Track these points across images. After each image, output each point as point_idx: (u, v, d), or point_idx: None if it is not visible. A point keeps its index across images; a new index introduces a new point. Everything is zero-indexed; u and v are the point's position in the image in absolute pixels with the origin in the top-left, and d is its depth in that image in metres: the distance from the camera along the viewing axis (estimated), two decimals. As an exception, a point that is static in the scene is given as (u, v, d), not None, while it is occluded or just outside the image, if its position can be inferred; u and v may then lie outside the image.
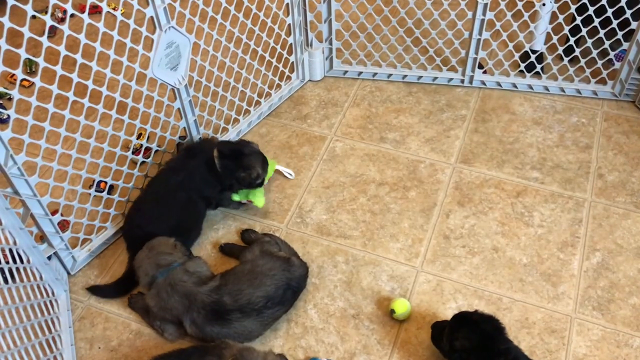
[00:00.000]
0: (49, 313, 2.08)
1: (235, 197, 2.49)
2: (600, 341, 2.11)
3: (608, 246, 2.37)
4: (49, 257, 2.21)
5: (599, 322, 2.16)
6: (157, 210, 2.32)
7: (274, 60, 2.83)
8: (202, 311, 2.03)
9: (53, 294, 2.18)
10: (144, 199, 2.39)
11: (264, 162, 2.44)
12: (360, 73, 3.08)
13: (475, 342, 1.82)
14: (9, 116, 2.66)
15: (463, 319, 1.90)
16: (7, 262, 1.92)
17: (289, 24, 2.77)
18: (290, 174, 2.63)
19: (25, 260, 2.03)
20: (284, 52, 2.87)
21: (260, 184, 2.44)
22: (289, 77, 3.02)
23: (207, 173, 2.36)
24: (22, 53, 1.80)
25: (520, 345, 1.98)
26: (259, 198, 2.48)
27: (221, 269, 2.26)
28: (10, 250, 1.96)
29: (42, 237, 2.20)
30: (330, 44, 2.97)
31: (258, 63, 2.77)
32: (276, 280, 2.10)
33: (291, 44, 2.87)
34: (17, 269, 1.98)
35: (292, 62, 2.96)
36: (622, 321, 2.16)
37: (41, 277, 2.12)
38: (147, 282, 2.12)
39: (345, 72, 3.09)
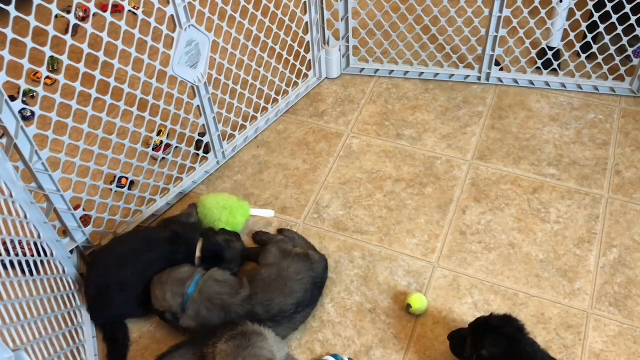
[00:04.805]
0: (71, 305, 2.13)
1: None
2: (617, 337, 2.12)
3: (625, 242, 2.37)
4: (72, 251, 2.26)
5: (615, 318, 2.17)
6: (114, 268, 2.17)
7: (291, 58, 2.86)
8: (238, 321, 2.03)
9: (75, 287, 2.23)
10: (107, 251, 2.25)
11: (243, 253, 2.28)
12: (377, 70, 3.10)
13: (504, 347, 1.79)
14: (33, 113, 2.72)
15: (483, 325, 1.87)
16: (32, 255, 1.97)
17: (307, 22, 2.80)
18: (269, 214, 2.46)
19: (49, 253, 2.08)
20: (302, 50, 2.90)
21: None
22: (306, 75, 3.04)
23: (184, 259, 2.19)
24: (47, 51, 1.85)
25: (536, 340, 1.99)
26: None
27: (239, 272, 2.28)
28: (35, 244, 2.01)
29: (64, 232, 2.24)
30: (347, 41, 2.99)
31: (276, 61, 2.80)
32: (304, 283, 2.10)
33: (308, 42, 2.90)
34: (42, 262, 2.03)
35: (310, 60, 2.99)
36: (639, 317, 2.16)
37: (64, 271, 2.17)
38: (180, 302, 2.04)
39: (362, 69, 3.11)
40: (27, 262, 1.92)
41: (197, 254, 2.20)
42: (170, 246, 2.20)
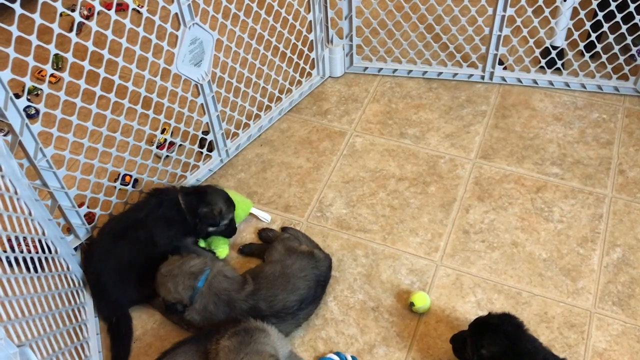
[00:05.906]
0: (75, 302, 2.14)
1: (202, 244, 2.36)
2: (620, 336, 2.11)
3: (629, 242, 2.36)
4: (76, 249, 2.27)
5: (619, 317, 2.16)
6: (112, 246, 2.19)
7: (294, 57, 2.86)
8: (241, 318, 2.03)
9: (80, 284, 2.23)
10: (101, 234, 2.26)
11: (228, 201, 2.30)
12: (381, 69, 3.10)
13: (503, 345, 1.79)
14: (37, 111, 2.73)
15: (482, 325, 1.87)
16: (37, 252, 1.98)
17: (310, 21, 2.80)
18: (266, 219, 2.49)
19: (53, 250, 2.08)
20: (305, 49, 2.90)
21: (228, 227, 2.33)
22: (309, 74, 3.05)
23: (171, 210, 2.22)
24: (52, 49, 1.85)
25: (539, 339, 1.99)
26: (222, 248, 2.37)
27: (243, 269, 2.28)
28: (40, 241, 2.02)
29: (69, 229, 2.26)
30: (351, 40, 3.00)
31: (279, 59, 2.80)
32: (308, 280, 2.12)
33: (312, 40, 2.90)
34: (46, 259, 2.04)
35: (313, 59, 2.99)
36: (642, 316, 2.16)
37: (68, 268, 2.18)
38: (190, 295, 2.03)
39: (366, 68, 3.11)
40: (32, 259, 1.93)
41: (179, 190, 2.24)
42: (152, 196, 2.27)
